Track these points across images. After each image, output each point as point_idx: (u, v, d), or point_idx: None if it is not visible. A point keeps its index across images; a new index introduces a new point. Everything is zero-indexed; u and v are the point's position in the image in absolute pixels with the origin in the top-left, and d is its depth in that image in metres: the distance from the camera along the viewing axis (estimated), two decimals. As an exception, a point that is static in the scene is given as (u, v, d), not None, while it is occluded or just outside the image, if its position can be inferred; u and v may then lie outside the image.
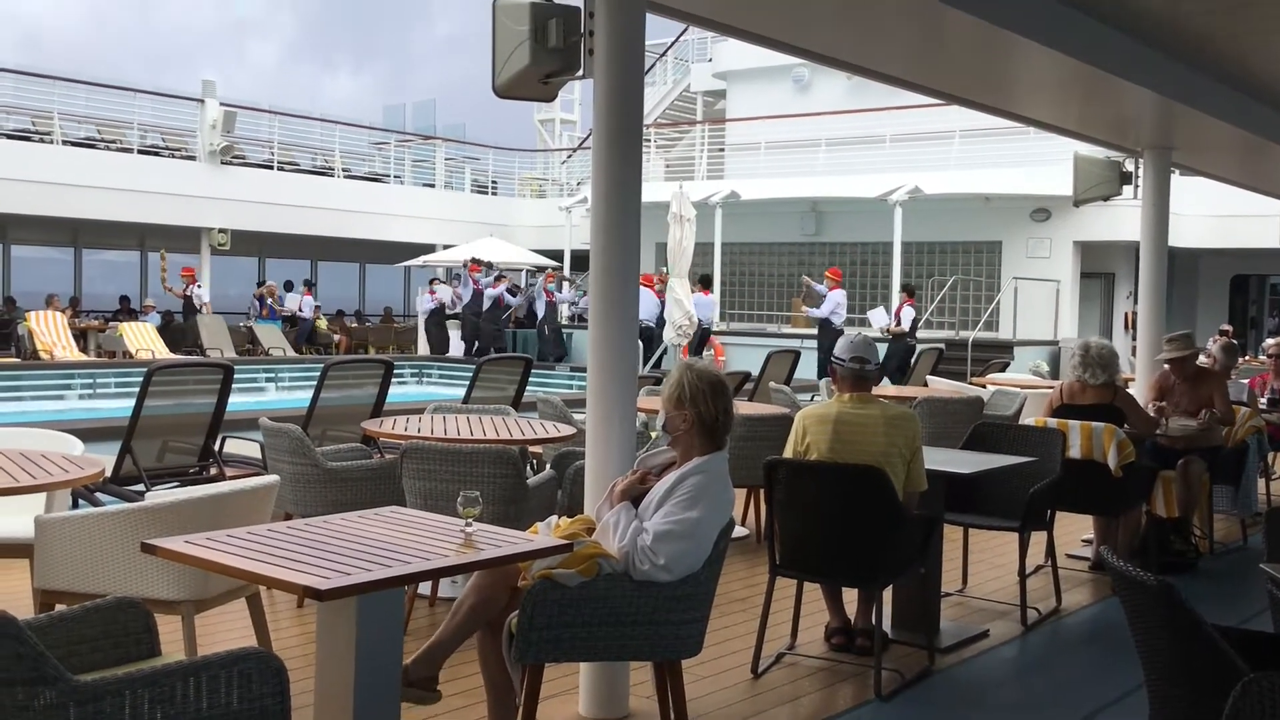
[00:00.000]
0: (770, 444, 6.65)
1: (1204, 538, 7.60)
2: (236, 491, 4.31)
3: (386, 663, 3.08)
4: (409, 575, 3.06)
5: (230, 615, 4.94)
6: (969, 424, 7.03)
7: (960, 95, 7.78)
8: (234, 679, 2.73)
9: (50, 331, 19.45)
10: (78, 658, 3.00)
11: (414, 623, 5.36)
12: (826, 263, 24.84)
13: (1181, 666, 2.94)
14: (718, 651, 5.02)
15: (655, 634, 3.79)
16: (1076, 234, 22.12)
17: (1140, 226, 8.96)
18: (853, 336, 5.30)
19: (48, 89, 22.41)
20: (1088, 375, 6.81)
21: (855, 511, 4.80)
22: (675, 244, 17.84)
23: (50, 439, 5.53)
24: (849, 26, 6.02)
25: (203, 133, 23.18)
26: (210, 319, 22.32)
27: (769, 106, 25.32)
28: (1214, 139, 8.87)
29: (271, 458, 6.07)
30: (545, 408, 7.79)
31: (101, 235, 26.86)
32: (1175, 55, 7.22)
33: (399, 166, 28.39)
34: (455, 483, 5.21)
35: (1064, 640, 5.81)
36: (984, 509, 6.01)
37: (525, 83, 4.61)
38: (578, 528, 3.96)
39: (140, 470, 6.90)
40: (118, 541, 4.12)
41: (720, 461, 3.96)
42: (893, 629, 5.38)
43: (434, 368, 21.55)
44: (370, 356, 20.65)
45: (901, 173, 22.25)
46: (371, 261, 32.07)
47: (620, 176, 4.47)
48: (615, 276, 4.50)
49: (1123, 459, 6.44)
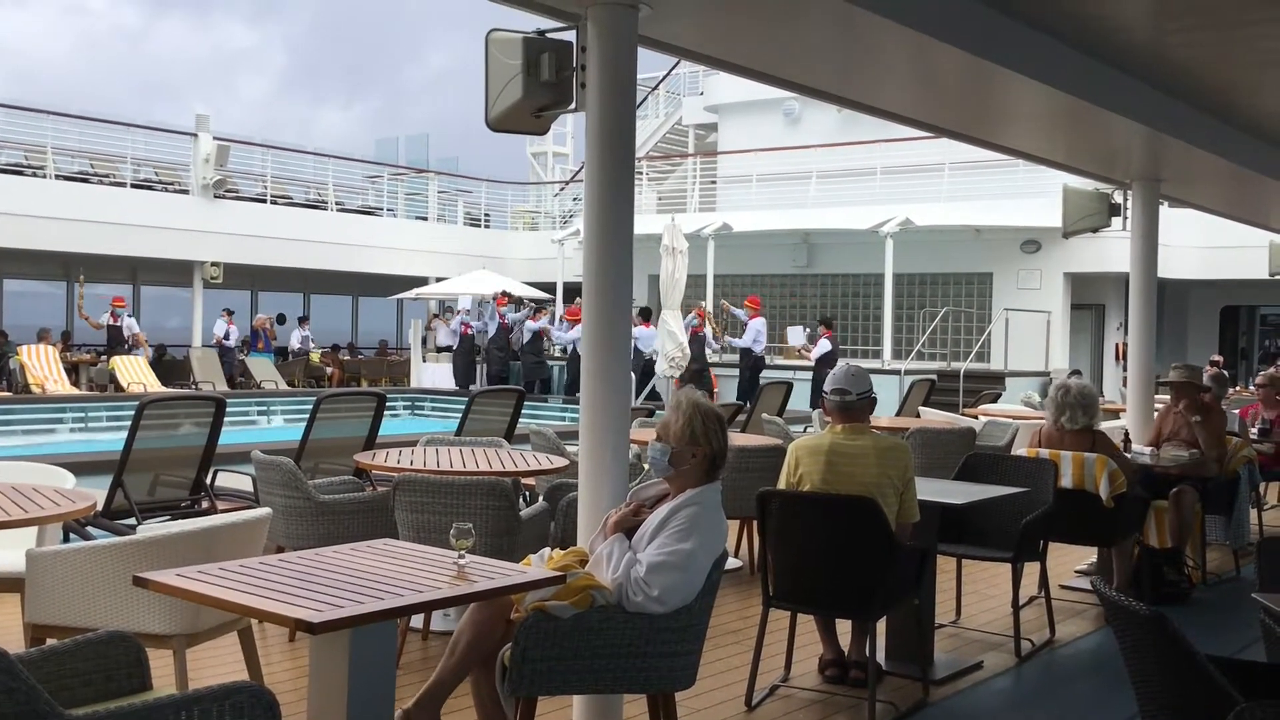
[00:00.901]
0: (763, 475, 6.65)
1: (1196, 568, 7.60)
2: (228, 525, 4.30)
3: (379, 695, 3.07)
4: (402, 608, 3.06)
5: (222, 649, 4.92)
6: (961, 455, 7.04)
7: (950, 128, 7.85)
8: (226, 712, 2.71)
9: (42, 365, 19.43)
10: (69, 692, 2.99)
11: (407, 656, 5.33)
12: (818, 294, 24.95)
13: (1175, 697, 2.94)
14: (711, 684, 5.01)
15: (649, 666, 3.78)
16: (1067, 265, 22.21)
17: (1130, 258, 9.01)
18: (838, 368, 5.31)
19: (40, 123, 22.44)
20: (1065, 419, 6.66)
21: (849, 542, 4.80)
22: (668, 276, 17.90)
23: (42, 472, 5.51)
24: (838, 61, 6.08)
25: (196, 167, 23.21)
26: (203, 352, 22.30)
27: (760, 139, 25.46)
28: (1201, 170, 8.95)
29: (263, 491, 6.06)
30: (538, 440, 7.79)
31: (94, 269, 26.85)
32: (1162, 88, 7.29)
33: (392, 200, 28.43)
34: (448, 515, 5.21)
35: (1058, 671, 5.80)
36: (977, 540, 6.01)
37: (518, 116, 4.64)
38: (571, 560, 3.95)
39: (132, 504, 6.89)
40: (109, 575, 4.10)
41: (714, 493, 3.97)
42: (887, 661, 5.36)
43: (426, 400, 21.53)
44: (363, 389, 20.63)
45: (892, 205, 22.35)
46: (364, 294, 32.08)
47: (613, 208, 4.49)
48: (608, 308, 4.51)
49: (1115, 489, 6.45)
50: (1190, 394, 7.66)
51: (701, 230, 23.01)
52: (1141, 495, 6.94)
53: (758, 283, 25.57)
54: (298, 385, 23.32)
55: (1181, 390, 7.69)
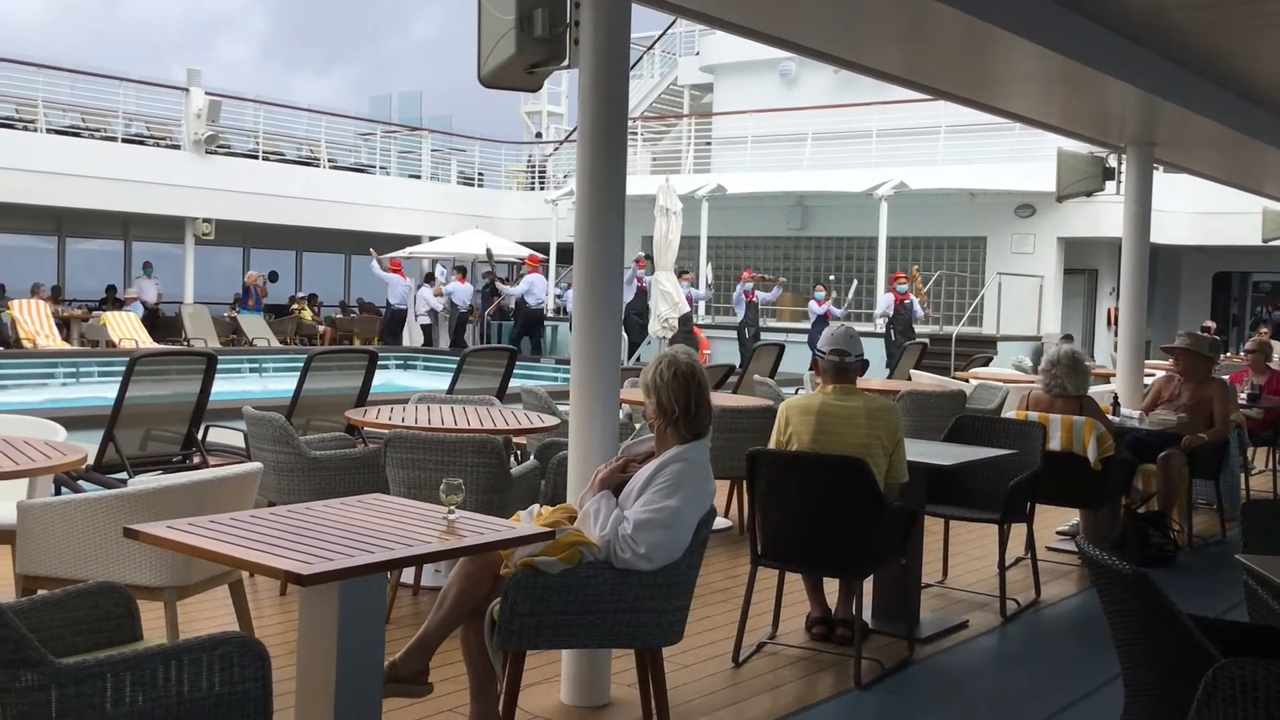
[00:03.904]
0: (752, 435, 6.67)
1: (1182, 532, 7.65)
2: (219, 479, 4.32)
3: (368, 648, 3.09)
4: (391, 561, 3.07)
5: (213, 602, 4.95)
6: (951, 417, 7.06)
7: (945, 89, 7.82)
8: (215, 663, 2.74)
9: (33, 320, 19.38)
10: (59, 642, 3.01)
11: (397, 611, 5.37)
12: (812, 257, 24.92)
13: (1156, 655, 2.97)
14: (699, 641, 5.05)
15: (636, 621, 3.81)
16: (1060, 230, 22.21)
17: (1123, 222, 9.01)
18: (834, 328, 5.31)
19: (32, 76, 22.27)
20: (1056, 386, 6.69)
21: (837, 502, 4.83)
22: (661, 237, 17.87)
23: (32, 426, 5.52)
24: (835, 19, 6.05)
25: (187, 122, 23.05)
26: (194, 309, 22.24)
27: (756, 100, 25.34)
28: (1196, 134, 8.93)
29: (255, 446, 6.07)
30: (529, 398, 7.80)
31: (85, 224, 26.72)
32: (1158, 50, 7.26)
33: (385, 158, 28.29)
34: (439, 471, 5.22)
35: (1043, 631, 5.85)
36: (964, 501, 6.04)
37: (511, 72, 4.61)
38: (560, 516, 3.97)
39: (123, 458, 6.89)
40: (100, 527, 4.12)
41: (700, 450, 3.98)
42: (873, 619, 5.41)
43: (419, 359, 21.52)
44: (355, 347, 20.59)
45: (887, 168, 22.30)
46: (356, 253, 32.01)
47: (605, 168, 4.48)
48: (600, 269, 4.51)
49: (1102, 452, 6.48)
50: (1192, 362, 7.69)
51: (696, 191, 22.95)
52: (1128, 459, 6.98)
53: (751, 245, 25.55)
54: (289, 343, 23.29)
55: (1185, 358, 7.71)
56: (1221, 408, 7.60)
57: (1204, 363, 7.73)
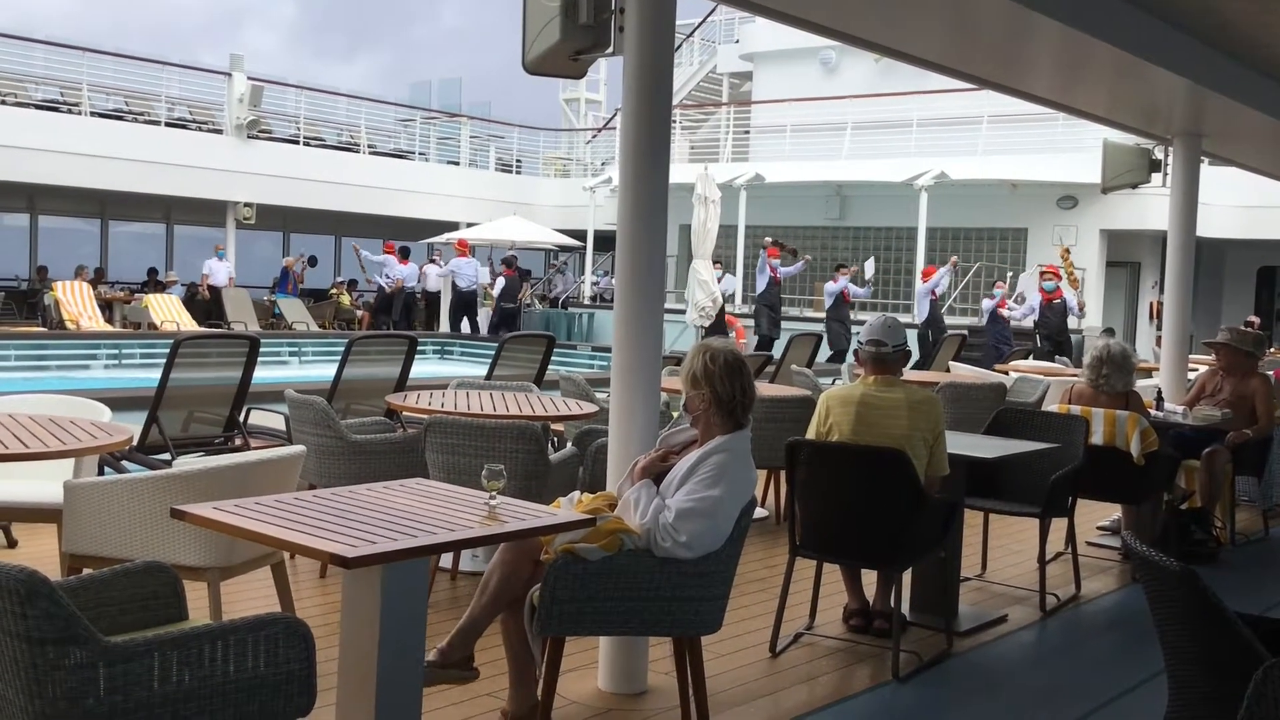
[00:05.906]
0: (791, 425, 6.65)
1: (1224, 528, 7.57)
2: (263, 461, 4.35)
3: (410, 631, 3.11)
4: (435, 545, 3.09)
5: (255, 583, 4.99)
6: (991, 409, 7.02)
7: (989, 79, 7.74)
8: (261, 643, 2.77)
9: (76, 301, 19.61)
10: (106, 620, 3.04)
11: (435, 595, 5.38)
12: (850, 247, 24.79)
13: (1202, 652, 2.94)
14: (737, 630, 5.04)
15: (675, 610, 3.82)
16: (1103, 222, 21.98)
17: (1168, 215, 8.91)
18: (876, 320, 5.29)
19: (77, 60, 22.49)
20: (1103, 382, 6.60)
21: (876, 493, 4.81)
22: (699, 225, 17.82)
23: (78, 406, 5.57)
24: (877, 6, 6.00)
25: (230, 106, 23.23)
26: (235, 292, 22.42)
27: (795, 89, 25.21)
28: (1244, 126, 8.81)
29: (296, 429, 6.11)
30: (567, 385, 7.81)
31: (128, 207, 26.99)
32: (1206, 40, 7.17)
33: (424, 144, 28.39)
34: (478, 457, 5.24)
35: (1083, 626, 5.81)
36: (1005, 494, 6.00)
37: (555, 59, 4.61)
38: (600, 503, 3.98)
39: (166, 439, 6.96)
40: (146, 507, 4.16)
41: (742, 440, 3.97)
42: (911, 612, 5.38)
43: (456, 345, 21.61)
44: (394, 332, 20.70)
45: (928, 158, 22.13)
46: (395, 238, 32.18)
47: (649, 156, 4.46)
48: (642, 257, 4.50)
49: (1145, 447, 6.41)
50: (1233, 357, 7.60)
51: (734, 180, 22.86)
52: (1172, 454, 6.90)
53: (789, 234, 25.42)
54: (328, 328, 23.42)
55: (1226, 353, 7.63)
56: (1264, 404, 7.52)
57: (1245, 358, 7.63)
